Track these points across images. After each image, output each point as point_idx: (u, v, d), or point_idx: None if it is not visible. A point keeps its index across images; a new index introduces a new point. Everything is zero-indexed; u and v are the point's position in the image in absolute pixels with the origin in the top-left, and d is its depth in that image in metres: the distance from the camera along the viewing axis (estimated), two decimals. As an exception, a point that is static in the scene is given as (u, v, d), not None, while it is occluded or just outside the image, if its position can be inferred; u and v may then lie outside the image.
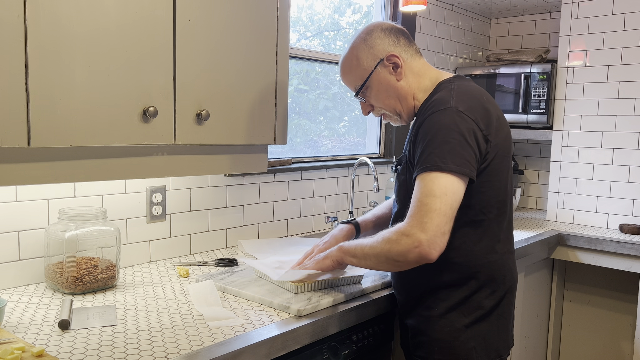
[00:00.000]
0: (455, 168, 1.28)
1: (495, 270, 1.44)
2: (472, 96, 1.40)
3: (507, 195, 1.48)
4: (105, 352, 1.18)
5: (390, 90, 1.49)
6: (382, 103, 1.53)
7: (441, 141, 1.30)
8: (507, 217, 1.49)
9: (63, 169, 1.25)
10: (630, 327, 2.82)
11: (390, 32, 1.50)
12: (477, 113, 1.36)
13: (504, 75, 3.09)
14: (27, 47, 1.12)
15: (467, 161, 1.30)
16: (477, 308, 1.43)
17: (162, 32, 1.35)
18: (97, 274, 1.56)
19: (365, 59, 1.49)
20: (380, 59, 1.48)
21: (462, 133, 1.31)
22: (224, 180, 2.10)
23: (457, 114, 1.33)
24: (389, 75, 1.48)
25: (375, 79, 1.49)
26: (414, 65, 1.50)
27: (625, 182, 2.74)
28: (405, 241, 1.26)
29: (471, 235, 1.42)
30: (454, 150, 1.29)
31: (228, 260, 1.89)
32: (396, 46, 1.49)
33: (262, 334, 1.29)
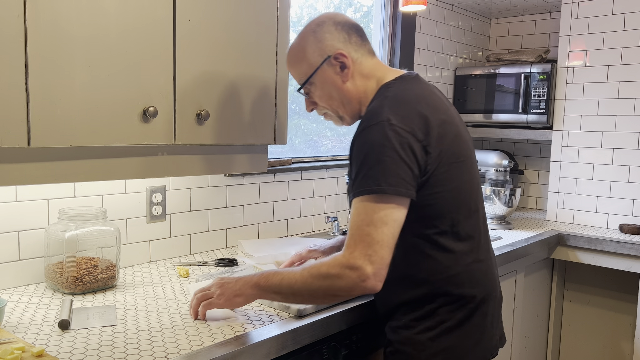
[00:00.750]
0: (392, 190, 1.19)
1: (458, 283, 1.33)
2: (406, 103, 1.28)
3: (465, 203, 1.35)
4: (105, 352, 1.18)
5: (334, 91, 1.38)
6: (325, 102, 1.42)
7: (374, 161, 1.20)
8: (471, 226, 1.36)
9: (63, 169, 1.25)
10: (630, 327, 2.82)
11: (343, 28, 1.37)
12: (413, 122, 1.24)
13: (504, 75, 3.09)
14: (27, 47, 1.12)
15: (403, 180, 1.21)
16: (441, 322, 1.32)
17: (162, 32, 1.35)
18: (97, 274, 1.56)
19: (311, 53, 1.37)
20: (328, 55, 1.35)
21: (396, 149, 1.20)
22: (224, 180, 2.10)
23: (389, 127, 1.22)
24: (335, 75, 1.37)
25: (320, 76, 1.38)
26: (364, 66, 1.38)
27: (625, 182, 2.74)
28: (350, 275, 1.18)
29: (427, 249, 1.32)
30: (388, 170, 1.19)
31: (228, 260, 1.89)
32: (347, 44, 1.36)
33: (262, 334, 1.29)
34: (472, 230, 1.37)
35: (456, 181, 1.32)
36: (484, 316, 1.38)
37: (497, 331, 1.45)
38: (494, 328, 1.43)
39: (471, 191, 1.37)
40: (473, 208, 1.37)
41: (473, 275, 1.36)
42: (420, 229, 1.31)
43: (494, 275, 1.44)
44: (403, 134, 1.22)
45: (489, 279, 1.41)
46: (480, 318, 1.37)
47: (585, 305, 2.95)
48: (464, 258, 1.34)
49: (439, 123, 1.29)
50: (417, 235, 1.31)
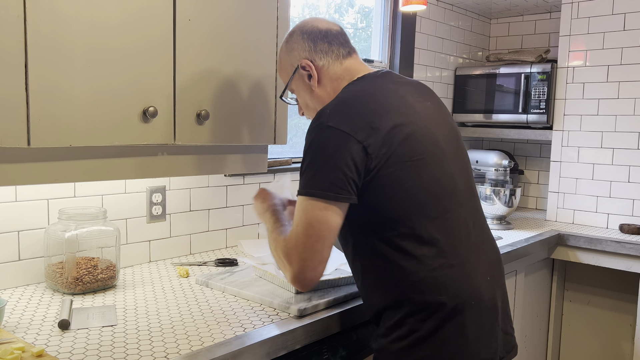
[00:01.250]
0: (319, 194, 1.20)
1: (422, 290, 1.24)
2: (351, 104, 1.28)
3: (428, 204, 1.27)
4: (105, 352, 1.18)
5: (307, 98, 1.44)
6: (305, 108, 1.48)
7: (309, 163, 1.24)
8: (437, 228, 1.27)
9: (63, 169, 1.25)
10: (630, 327, 2.82)
11: (309, 37, 1.40)
12: (355, 124, 1.23)
13: (504, 75, 3.09)
14: (27, 47, 1.12)
15: (333, 184, 1.20)
16: (411, 331, 1.25)
17: (162, 32, 1.35)
18: (97, 274, 1.56)
19: (285, 63, 1.45)
20: (297, 65, 1.41)
21: (331, 153, 1.21)
22: (224, 180, 2.10)
23: (327, 129, 1.23)
24: (304, 83, 1.42)
25: (295, 84, 1.44)
26: (333, 71, 1.40)
27: (625, 182, 2.74)
28: (287, 271, 1.27)
29: (390, 254, 1.26)
30: (319, 174, 1.22)
31: (228, 260, 1.89)
32: (312, 52, 1.40)
33: (262, 334, 1.29)
34: (438, 233, 1.27)
35: (412, 181, 1.26)
36: (461, 326, 1.26)
37: (492, 344, 1.31)
38: (484, 340, 1.29)
39: (437, 191, 1.29)
40: (440, 209, 1.28)
41: (440, 281, 1.25)
42: (381, 232, 1.27)
43: (475, 281, 1.30)
44: (340, 135, 1.22)
45: (465, 285, 1.28)
46: (456, 328, 1.25)
47: (585, 305, 2.95)
48: (429, 263, 1.25)
49: (386, 122, 1.25)
50: (380, 239, 1.27)
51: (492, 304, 1.32)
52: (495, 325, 1.33)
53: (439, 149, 1.31)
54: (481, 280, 1.31)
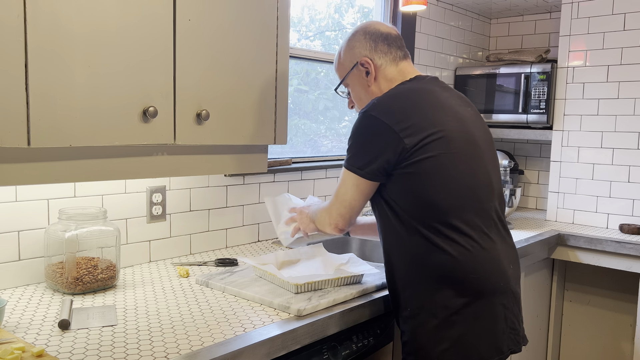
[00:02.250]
0: (355, 170, 1.44)
1: (455, 269, 1.39)
2: (397, 99, 1.45)
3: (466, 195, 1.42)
4: (105, 352, 1.18)
5: (362, 92, 1.58)
6: (358, 102, 1.62)
7: (352, 144, 1.46)
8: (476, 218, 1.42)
9: (63, 169, 1.25)
10: (630, 327, 2.82)
11: (371, 37, 1.56)
12: (393, 116, 1.40)
13: (504, 75, 3.09)
14: (27, 47, 1.12)
15: (366, 165, 1.42)
16: (444, 308, 1.39)
17: (162, 32, 1.35)
18: (97, 274, 1.56)
19: (346, 58, 1.59)
20: (357, 61, 1.56)
21: (368, 138, 1.42)
22: (224, 180, 2.10)
23: (369, 118, 1.42)
24: (362, 78, 1.56)
25: (351, 79, 1.59)
26: (388, 72, 1.55)
27: (625, 182, 2.74)
28: (324, 220, 1.57)
29: (427, 237, 1.40)
30: (358, 154, 1.44)
31: (228, 260, 1.89)
32: (372, 52, 1.55)
33: (262, 334, 1.29)
34: (473, 220, 1.42)
35: (448, 170, 1.41)
36: (490, 305, 1.42)
37: (515, 326, 1.48)
38: (509, 321, 1.46)
39: (472, 182, 1.44)
40: (475, 199, 1.44)
41: (476, 262, 1.41)
42: (420, 216, 1.41)
43: (502, 266, 1.46)
44: (379, 125, 1.40)
45: (495, 268, 1.44)
46: (490, 308, 1.42)
47: (585, 305, 2.95)
48: (465, 246, 1.41)
49: (425, 117, 1.42)
50: (420, 223, 1.41)
51: (515, 290, 1.50)
52: (518, 310, 1.51)
53: (477, 146, 1.48)
54: (506, 267, 1.48)
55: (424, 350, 1.41)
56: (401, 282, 1.47)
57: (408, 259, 1.45)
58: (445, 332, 1.39)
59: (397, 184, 1.43)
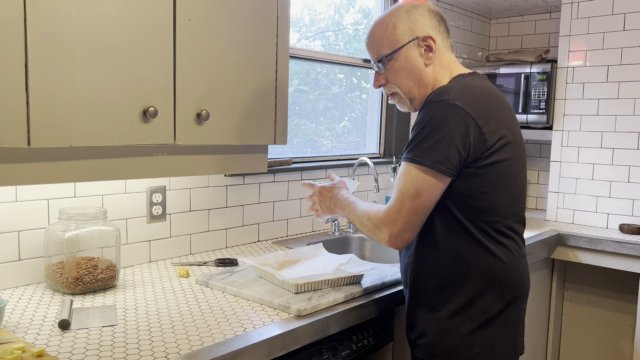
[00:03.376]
0: (431, 165, 1.30)
1: (502, 273, 1.39)
2: (476, 92, 1.37)
3: (515, 201, 1.42)
4: (105, 352, 1.18)
5: (414, 71, 1.44)
6: (399, 81, 1.46)
7: (428, 134, 1.31)
8: (517, 223, 1.45)
9: (63, 169, 1.25)
10: (630, 327, 2.82)
11: (435, 16, 1.47)
12: (477, 109, 1.32)
13: (504, 75, 3.09)
14: (27, 47, 1.12)
15: (446, 159, 1.29)
16: (483, 312, 1.38)
17: (162, 32, 1.35)
18: (97, 274, 1.56)
19: (402, 29, 1.43)
20: (417, 36, 1.42)
21: (451, 129, 1.29)
22: (224, 180, 2.10)
23: (451, 107, 1.30)
24: (419, 56, 1.43)
25: (404, 54, 1.43)
26: (445, 57, 1.46)
27: (625, 182, 2.74)
28: (381, 232, 1.38)
29: (477, 238, 1.37)
30: (436, 147, 1.29)
31: (228, 260, 1.89)
32: (436, 31, 1.45)
33: (262, 334, 1.29)
34: (518, 227, 1.45)
35: (511, 177, 1.39)
36: (520, 311, 1.45)
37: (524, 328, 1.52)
38: (523, 324, 1.50)
39: (521, 190, 1.45)
40: (520, 207, 1.45)
41: (517, 268, 1.43)
42: (476, 216, 1.36)
43: (528, 273, 1.50)
44: (463, 115, 1.30)
45: (526, 275, 1.48)
46: (517, 312, 1.44)
47: (585, 305, 2.95)
48: (511, 251, 1.41)
49: (501, 119, 1.37)
50: (472, 223, 1.36)
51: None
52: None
53: (524, 155, 1.47)
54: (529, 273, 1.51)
55: (455, 353, 1.38)
56: (438, 282, 1.41)
57: (451, 259, 1.38)
58: (479, 336, 1.38)
59: (461, 181, 1.34)
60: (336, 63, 2.70)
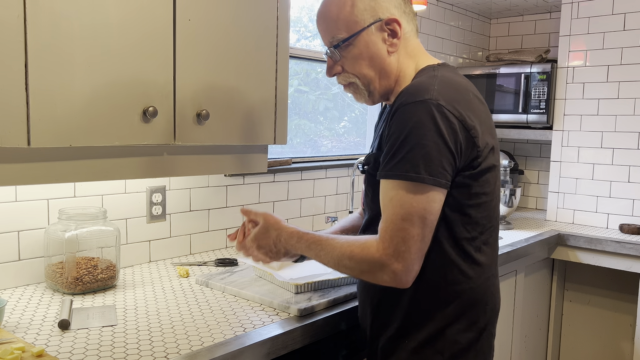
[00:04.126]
0: (431, 180, 1.08)
1: (475, 296, 1.21)
2: (458, 89, 1.16)
3: (494, 213, 1.23)
4: (105, 352, 1.18)
5: (375, 59, 1.21)
6: (357, 70, 1.23)
7: (415, 143, 1.08)
8: (493, 237, 1.25)
9: (63, 169, 1.25)
10: (630, 327, 2.82)
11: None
12: (463, 110, 1.13)
13: (504, 75, 3.09)
14: (27, 47, 1.12)
15: (445, 170, 1.09)
16: (453, 343, 1.19)
17: (162, 32, 1.35)
18: (97, 274, 1.56)
19: (361, 9, 1.19)
20: (380, 18, 1.19)
21: (442, 133, 1.08)
22: (224, 180, 2.10)
23: (437, 108, 1.09)
24: (382, 42, 1.20)
25: (364, 39, 1.20)
26: (410, 43, 1.23)
27: (625, 182, 2.74)
28: (382, 275, 1.11)
29: (450, 255, 1.18)
30: (429, 156, 1.07)
31: (228, 260, 1.89)
32: (401, 12, 1.21)
33: (262, 334, 1.29)
34: (492, 242, 1.25)
35: (491, 186, 1.20)
36: (490, 336, 1.27)
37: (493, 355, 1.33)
38: (494, 351, 1.31)
39: (497, 201, 1.26)
40: (495, 219, 1.25)
41: (489, 291, 1.25)
42: (453, 231, 1.17)
43: (499, 295, 1.32)
44: (451, 118, 1.10)
45: (498, 296, 1.30)
46: (488, 338, 1.26)
47: (585, 305, 2.95)
48: (485, 271, 1.22)
49: (482, 120, 1.18)
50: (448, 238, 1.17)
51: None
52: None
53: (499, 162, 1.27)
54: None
55: None
56: (405, 307, 1.21)
57: (424, 281, 1.17)
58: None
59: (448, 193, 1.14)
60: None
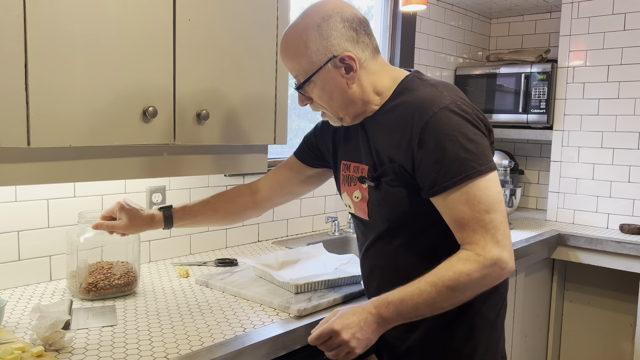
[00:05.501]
0: (491, 165, 1.17)
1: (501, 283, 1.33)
2: (455, 88, 1.28)
3: None
4: (105, 352, 1.18)
5: (336, 93, 1.26)
6: (324, 102, 1.29)
7: (466, 141, 1.15)
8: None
9: (63, 169, 1.25)
10: (630, 327, 2.82)
11: (351, 25, 1.24)
12: (474, 107, 1.25)
13: (504, 75, 3.09)
14: (27, 47, 1.12)
15: (490, 153, 1.20)
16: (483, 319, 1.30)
17: (162, 32, 1.35)
18: (113, 280, 1.51)
19: (314, 50, 1.23)
20: (334, 55, 1.22)
21: (477, 126, 1.19)
22: (224, 180, 2.10)
23: (458, 107, 1.19)
24: (340, 77, 1.24)
25: (323, 76, 1.24)
26: (371, 66, 1.27)
27: (625, 182, 2.73)
28: (493, 272, 1.13)
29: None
30: (481, 147, 1.17)
31: (228, 260, 1.89)
32: (355, 45, 1.24)
33: (262, 334, 1.29)
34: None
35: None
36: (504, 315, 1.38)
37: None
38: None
39: None
40: None
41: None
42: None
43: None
44: (470, 111, 1.20)
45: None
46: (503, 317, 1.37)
47: (585, 305, 2.95)
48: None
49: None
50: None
51: None
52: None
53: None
54: None
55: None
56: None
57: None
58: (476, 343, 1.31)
59: None
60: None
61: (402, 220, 1.26)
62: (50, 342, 1.16)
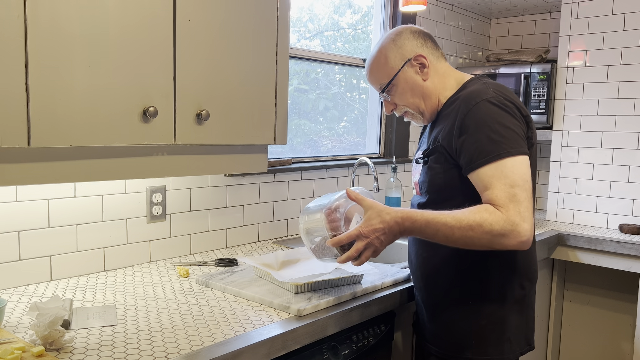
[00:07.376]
0: (522, 150, 1.36)
1: (527, 258, 1.51)
2: (505, 88, 1.48)
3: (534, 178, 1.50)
4: (105, 352, 1.18)
5: (415, 89, 1.54)
6: (406, 101, 1.57)
7: (500, 127, 1.36)
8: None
9: (63, 169, 1.25)
10: (630, 327, 2.82)
11: (419, 35, 1.56)
12: (515, 99, 1.44)
13: (504, 75, 3.09)
14: (27, 47, 1.12)
15: (522, 139, 1.38)
16: (511, 298, 1.48)
17: (162, 32, 1.35)
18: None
19: (393, 58, 1.54)
20: (408, 58, 1.53)
21: (514, 116, 1.39)
22: (224, 180, 2.10)
23: (497, 99, 1.39)
24: (415, 74, 1.54)
25: (402, 77, 1.54)
26: (439, 67, 1.56)
27: (625, 182, 2.74)
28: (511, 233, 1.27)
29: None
30: (514, 134, 1.36)
31: (228, 260, 1.89)
32: (424, 48, 1.55)
33: (262, 334, 1.29)
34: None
35: (534, 158, 1.48)
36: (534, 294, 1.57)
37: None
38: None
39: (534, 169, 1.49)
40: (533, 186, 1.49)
41: (534, 253, 1.55)
42: None
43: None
44: (509, 103, 1.40)
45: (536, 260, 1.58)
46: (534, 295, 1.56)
47: (585, 305, 2.95)
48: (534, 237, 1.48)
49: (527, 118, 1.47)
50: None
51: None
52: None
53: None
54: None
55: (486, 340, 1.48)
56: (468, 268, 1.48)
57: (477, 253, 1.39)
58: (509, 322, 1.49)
59: None
60: (336, 63, 2.70)
61: (439, 194, 1.48)
62: (50, 340, 1.16)
